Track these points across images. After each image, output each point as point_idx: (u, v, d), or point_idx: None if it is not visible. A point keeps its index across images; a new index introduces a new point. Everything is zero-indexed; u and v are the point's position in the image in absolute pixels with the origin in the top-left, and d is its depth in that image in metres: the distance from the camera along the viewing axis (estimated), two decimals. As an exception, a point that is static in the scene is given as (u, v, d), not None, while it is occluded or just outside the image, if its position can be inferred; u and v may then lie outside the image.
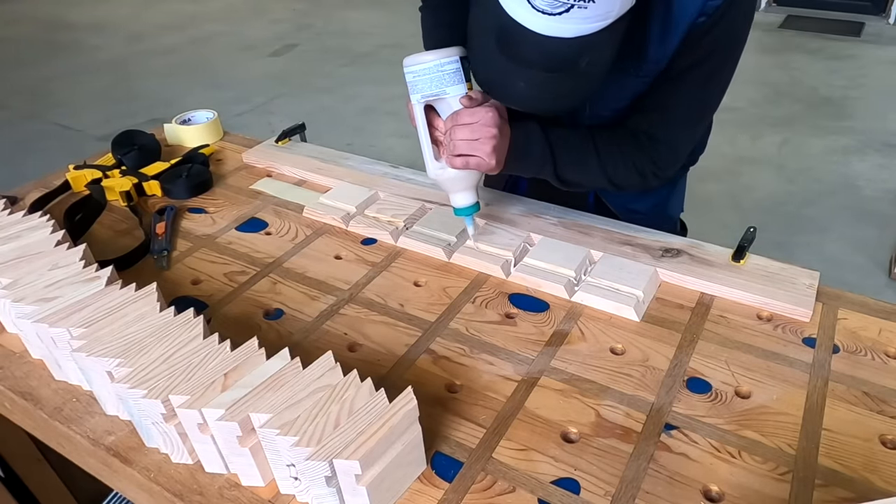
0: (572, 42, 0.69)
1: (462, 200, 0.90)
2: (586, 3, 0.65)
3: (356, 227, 1.03)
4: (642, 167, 0.91)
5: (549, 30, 0.68)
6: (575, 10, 0.66)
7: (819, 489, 0.62)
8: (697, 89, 0.86)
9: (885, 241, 2.38)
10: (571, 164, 0.91)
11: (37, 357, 0.81)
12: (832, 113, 3.38)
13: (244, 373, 0.64)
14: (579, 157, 0.91)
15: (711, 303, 0.86)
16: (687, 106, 0.88)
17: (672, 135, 0.90)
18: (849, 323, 0.81)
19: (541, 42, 0.69)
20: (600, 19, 0.68)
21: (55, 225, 0.92)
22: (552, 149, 0.89)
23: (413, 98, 0.84)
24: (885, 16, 4.62)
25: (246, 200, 1.14)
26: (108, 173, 1.17)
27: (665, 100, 0.88)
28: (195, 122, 1.36)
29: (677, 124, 0.90)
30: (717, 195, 2.75)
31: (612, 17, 0.68)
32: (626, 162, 0.91)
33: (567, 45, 0.69)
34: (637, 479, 0.63)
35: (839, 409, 0.70)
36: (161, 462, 0.68)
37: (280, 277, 0.94)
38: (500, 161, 0.85)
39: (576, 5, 0.65)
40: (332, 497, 0.59)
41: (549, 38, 0.69)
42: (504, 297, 0.88)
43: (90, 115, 3.81)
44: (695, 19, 0.79)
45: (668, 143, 0.91)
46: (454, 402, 0.73)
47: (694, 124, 0.91)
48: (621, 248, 0.94)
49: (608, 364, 0.77)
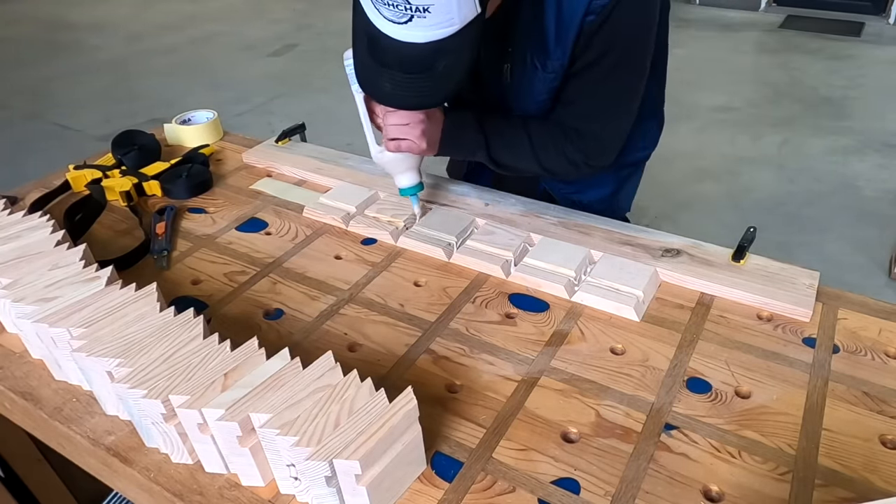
0: (424, 47, 0.74)
1: (405, 181, 0.99)
2: (423, 14, 0.70)
3: (356, 227, 1.03)
4: (572, 156, 0.95)
5: (402, 36, 0.74)
6: (416, 19, 0.71)
7: (819, 489, 0.62)
8: (600, 85, 0.90)
9: (885, 241, 2.38)
10: (504, 148, 0.97)
11: (37, 357, 0.81)
12: (832, 113, 3.38)
13: (244, 373, 0.64)
14: (512, 142, 0.97)
15: (711, 303, 0.86)
16: (595, 101, 0.93)
17: (591, 127, 0.94)
18: (849, 323, 0.81)
19: (398, 47, 0.75)
20: (445, 26, 0.72)
21: (55, 225, 0.92)
22: (485, 133, 0.96)
23: (353, 88, 0.92)
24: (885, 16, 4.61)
25: (246, 200, 1.14)
26: (108, 173, 1.17)
27: (574, 95, 0.93)
28: (195, 122, 1.36)
29: (591, 118, 0.94)
30: (717, 195, 2.75)
31: (458, 24, 0.72)
32: (557, 150, 0.96)
33: (420, 49, 0.75)
34: (637, 479, 0.63)
35: (839, 409, 0.70)
36: (161, 462, 0.68)
37: (280, 277, 0.94)
38: (433, 144, 0.93)
39: (415, 16, 0.70)
40: (332, 497, 0.59)
41: (404, 44, 0.75)
42: (504, 297, 0.88)
43: (90, 115, 3.81)
44: (583, 18, 0.83)
45: (592, 134, 0.94)
46: (454, 402, 0.73)
47: (608, 118, 0.94)
48: (621, 248, 0.94)
49: (608, 364, 0.77)
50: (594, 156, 0.96)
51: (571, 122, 0.95)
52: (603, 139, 0.96)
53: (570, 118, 0.95)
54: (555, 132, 0.96)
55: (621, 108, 0.94)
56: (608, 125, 0.95)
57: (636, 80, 0.92)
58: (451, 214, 1.03)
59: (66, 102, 4.00)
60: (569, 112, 0.95)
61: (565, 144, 0.95)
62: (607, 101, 0.93)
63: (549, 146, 0.96)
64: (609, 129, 0.96)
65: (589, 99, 0.92)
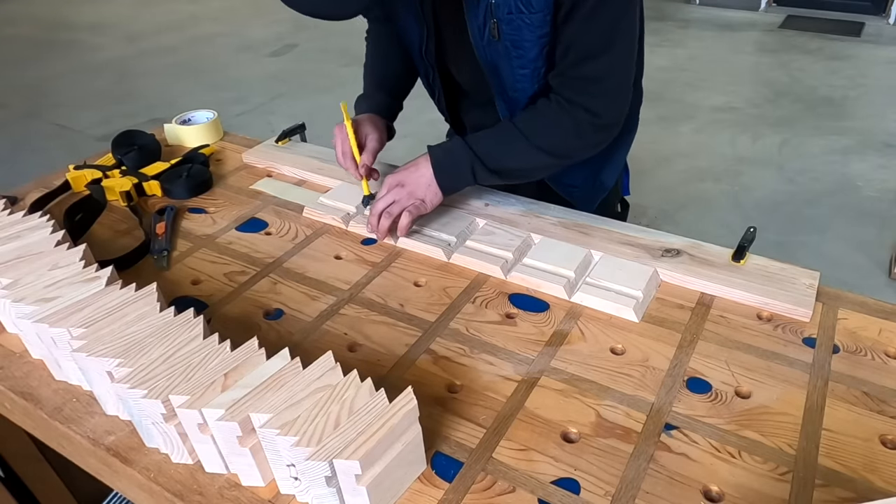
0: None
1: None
2: None
3: (356, 227, 1.03)
4: (576, 126, 0.92)
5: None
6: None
7: (819, 489, 0.62)
8: (592, 20, 0.86)
9: (884, 241, 2.38)
10: (500, 154, 0.95)
11: (37, 357, 0.81)
12: (832, 113, 3.38)
13: (244, 373, 0.64)
14: (504, 143, 0.94)
15: (711, 303, 0.86)
16: (590, 37, 0.88)
17: (594, 70, 0.90)
18: (849, 323, 0.81)
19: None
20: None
21: (55, 225, 0.92)
22: (471, 146, 0.94)
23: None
24: (885, 16, 4.62)
25: (246, 200, 1.14)
26: (108, 173, 1.17)
27: (568, 39, 0.89)
28: (195, 122, 1.36)
29: (591, 57, 0.89)
30: (717, 195, 2.75)
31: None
32: (553, 128, 0.93)
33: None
34: (637, 479, 0.63)
35: (839, 409, 0.70)
36: (161, 462, 0.68)
37: (280, 277, 0.94)
38: (435, 193, 0.96)
39: None
40: (332, 497, 0.59)
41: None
42: (504, 297, 0.88)
43: (90, 115, 3.81)
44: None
45: (595, 79, 0.91)
46: (454, 402, 0.73)
47: (609, 58, 0.90)
48: (621, 248, 0.94)
49: (608, 364, 0.77)
50: (603, 108, 0.92)
51: (571, 72, 0.91)
52: (605, 84, 0.91)
53: (570, 68, 0.91)
54: (543, 113, 0.93)
55: (620, 42, 0.90)
56: (612, 66, 0.91)
57: (628, 7, 0.88)
58: (451, 214, 1.03)
59: (66, 102, 4.00)
60: (567, 62, 0.90)
61: (560, 117, 0.92)
62: (604, 34, 0.88)
63: (540, 128, 0.93)
64: (614, 72, 0.91)
65: (584, 36, 0.88)
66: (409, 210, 0.95)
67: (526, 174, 1.00)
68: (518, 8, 0.88)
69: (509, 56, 0.93)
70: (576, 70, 0.91)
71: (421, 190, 0.95)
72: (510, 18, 0.89)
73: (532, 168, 0.97)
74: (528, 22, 0.89)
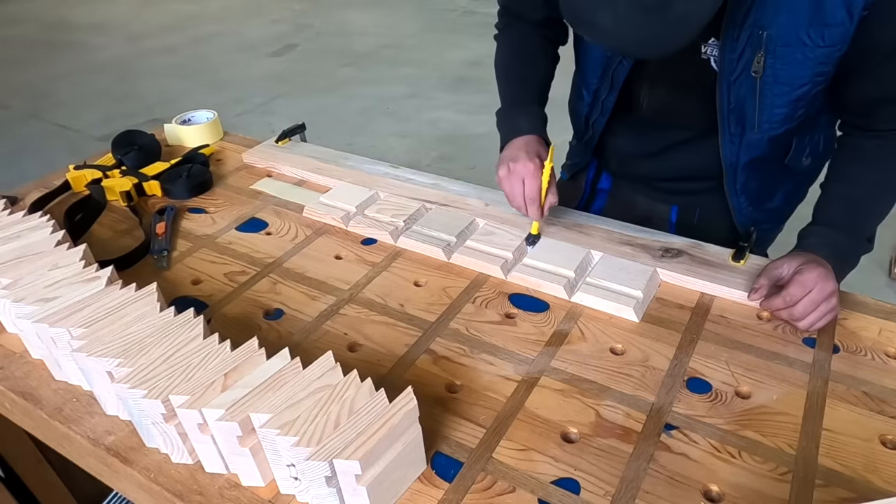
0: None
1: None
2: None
3: (356, 227, 1.03)
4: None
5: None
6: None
7: (819, 489, 0.62)
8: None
9: (885, 241, 2.38)
10: (870, 219, 0.87)
11: (37, 357, 0.81)
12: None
13: (244, 373, 0.64)
14: (869, 208, 0.87)
15: (711, 303, 0.86)
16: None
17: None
18: (849, 323, 0.81)
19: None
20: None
21: (55, 225, 0.92)
22: (851, 225, 0.85)
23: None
24: (885, 16, 4.61)
25: (246, 200, 1.14)
26: (108, 173, 1.17)
27: (886, 89, 0.79)
28: (195, 122, 1.36)
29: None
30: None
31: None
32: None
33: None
34: (637, 479, 0.63)
35: (839, 409, 0.70)
36: (161, 462, 0.68)
37: (280, 277, 0.94)
38: (836, 285, 0.80)
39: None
40: (332, 497, 0.59)
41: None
42: (504, 297, 0.88)
43: (90, 115, 3.81)
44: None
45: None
46: (454, 402, 0.73)
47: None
48: (621, 248, 0.94)
49: (608, 364, 0.77)
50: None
51: (885, 110, 0.81)
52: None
53: (888, 121, 0.81)
54: (880, 151, 0.84)
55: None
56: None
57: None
58: (451, 214, 1.03)
59: (66, 102, 4.00)
60: (886, 112, 0.81)
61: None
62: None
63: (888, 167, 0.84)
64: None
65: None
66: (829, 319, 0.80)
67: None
68: (801, 41, 0.77)
69: (764, 93, 0.84)
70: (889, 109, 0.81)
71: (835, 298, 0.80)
72: (785, 52, 0.79)
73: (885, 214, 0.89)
74: (809, 56, 0.79)
